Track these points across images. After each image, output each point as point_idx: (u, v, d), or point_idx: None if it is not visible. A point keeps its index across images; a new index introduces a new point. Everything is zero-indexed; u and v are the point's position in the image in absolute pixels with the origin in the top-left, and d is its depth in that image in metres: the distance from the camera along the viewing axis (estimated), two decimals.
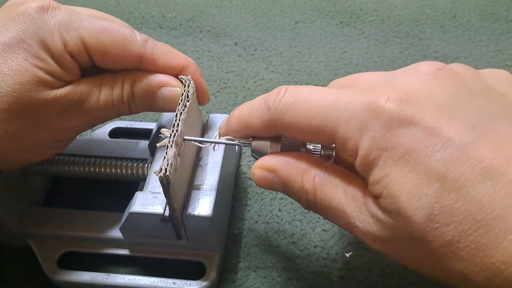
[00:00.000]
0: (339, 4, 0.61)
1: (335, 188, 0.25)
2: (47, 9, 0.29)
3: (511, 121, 0.22)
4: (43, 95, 0.28)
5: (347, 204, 0.25)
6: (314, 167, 0.27)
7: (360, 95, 0.24)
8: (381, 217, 0.23)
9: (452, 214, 0.21)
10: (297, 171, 0.27)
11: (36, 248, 0.35)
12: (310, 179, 0.26)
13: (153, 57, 0.31)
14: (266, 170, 0.28)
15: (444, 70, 0.24)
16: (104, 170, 0.36)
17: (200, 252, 0.34)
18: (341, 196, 0.25)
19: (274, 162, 0.28)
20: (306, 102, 0.25)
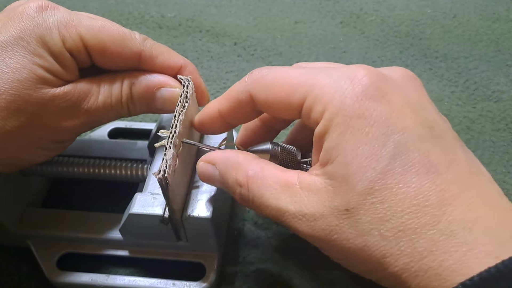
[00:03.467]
0: (339, 4, 0.61)
1: (268, 179, 0.26)
2: (46, 9, 0.29)
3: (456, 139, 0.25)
4: (41, 93, 0.28)
5: (280, 192, 0.25)
6: (251, 161, 0.27)
7: (339, 69, 0.25)
8: (320, 188, 0.24)
9: (390, 193, 0.22)
10: (234, 165, 0.27)
11: (35, 249, 0.35)
12: (245, 172, 0.27)
13: (151, 55, 0.31)
14: (207, 163, 0.29)
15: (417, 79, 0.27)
16: (103, 171, 0.36)
17: (200, 253, 0.34)
18: (274, 186, 0.25)
19: (215, 155, 0.29)
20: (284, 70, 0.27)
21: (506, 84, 0.50)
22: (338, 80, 0.24)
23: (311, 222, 0.24)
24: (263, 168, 0.26)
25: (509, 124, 0.46)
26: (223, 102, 0.29)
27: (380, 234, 0.22)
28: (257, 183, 0.26)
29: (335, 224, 0.23)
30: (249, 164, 0.27)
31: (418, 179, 0.22)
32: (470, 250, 0.20)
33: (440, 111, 0.48)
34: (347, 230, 0.23)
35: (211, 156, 0.29)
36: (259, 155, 0.30)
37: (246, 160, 0.27)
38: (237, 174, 0.27)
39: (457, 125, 0.46)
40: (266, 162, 0.27)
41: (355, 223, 0.22)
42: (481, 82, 0.50)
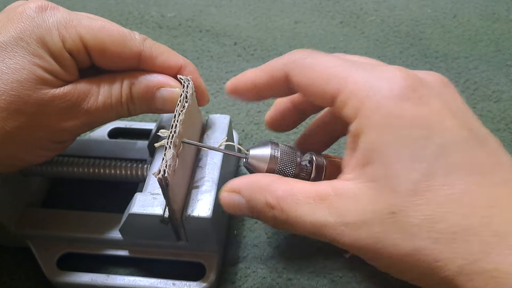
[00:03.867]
0: (339, 4, 0.61)
1: (299, 196, 0.25)
2: (46, 9, 0.29)
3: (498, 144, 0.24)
4: (41, 93, 0.28)
5: (315, 206, 0.24)
6: (277, 181, 0.26)
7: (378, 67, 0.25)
8: (358, 193, 0.23)
9: (436, 195, 0.21)
10: (260, 188, 0.26)
11: (35, 249, 0.35)
12: (273, 193, 0.26)
13: (151, 55, 0.31)
14: (231, 192, 0.27)
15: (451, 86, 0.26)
16: (103, 171, 0.36)
17: (200, 253, 0.34)
18: (308, 201, 0.24)
19: (238, 183, 0.27)
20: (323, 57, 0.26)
21: (506, 84, 0.50)
22: (375, 78, 0.24)
23: (354, 231, 0.23)
24: (292, 186, 0.26)
25: (509, 124, 0.46)
26: (259, 75, 0.29)
27: (430, 237, 0.21)
28: (289, 201, 0.25)
29: (380, 229, 0.22)
30: (276, 184, 0.26)
31: (463, 180, 0.21)
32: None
33: None
34: (394, 234, 0.22)
35: (233, 184, 0.28)
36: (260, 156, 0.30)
37: (272, 181, 0.26)
38: (266, 197, 0.26)
39: None
40: (293, 180, 0.27)
41: (402, 227, 0.21)
42: (481, 82, 0.50)
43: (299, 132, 0.45)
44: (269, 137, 0.45)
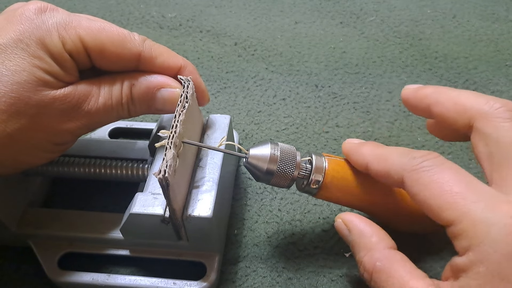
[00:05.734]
0: (339, 4, 0.61)
1: (393, 280, 0.26)
2: (45, 10, 0.29)
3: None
4: (41, 95, 0.28)
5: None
6: (382, 250, 0.27)
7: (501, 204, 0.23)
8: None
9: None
10: (365, 245, 0.28)
11: (36, 249, 0.35)
12: (372, 260, 0.27)
13: (151, 55, 0.31)
14: (343, 224, 0.30)
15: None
16: (104, 171, 0.36)
17: (200, 252, 0.34)
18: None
19: (352, 223, 0.30)
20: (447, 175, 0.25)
21: (506, 84, 0.50)
22: (492, 225, 0.22)
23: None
24: (392, 264, 0.26)
25: None
26: (374, 163, 0.29)
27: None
28: (382, 279, 0.26)
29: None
30: (379, 252, 0.27)
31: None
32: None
33: None
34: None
35: (348, 220, 0.30)
36: (260, 156, 0.30)
37: (377, 246, 0.28)
38: (365, 257, 0.28)
39: None
40: (397, 256, 0.27)
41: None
42: (480, 82, 0.50)
43: (299, 132, 0.45)
44: (269, 137, 0.45)
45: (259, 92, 0.50)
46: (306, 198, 0.40)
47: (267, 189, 0.41)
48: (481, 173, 0.42)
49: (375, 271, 0.27)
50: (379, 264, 0.27)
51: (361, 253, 0.28)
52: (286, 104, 0.48)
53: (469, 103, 0.27)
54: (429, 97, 0.29)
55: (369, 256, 0.28)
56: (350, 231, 0.30)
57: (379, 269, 0.27)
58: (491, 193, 0.24)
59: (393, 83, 0.50)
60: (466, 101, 0.28)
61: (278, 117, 0.47)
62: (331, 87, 0.50)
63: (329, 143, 0.44)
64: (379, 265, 0.27)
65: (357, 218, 0.30)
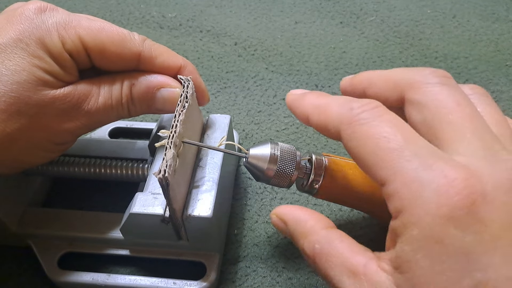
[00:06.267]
0: (339, 4, 0.61)
1: (334, 259, 0.24)
2: (45, 10, 0.29)
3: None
4: (41, 95, 0.28)
5: (345, 276, 0.24)
6: (318, 232, 0.26)
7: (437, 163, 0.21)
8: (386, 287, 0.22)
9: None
10: (302, 232, 0.27)
11: (36, 249, 0.35)
12: (311, 244, 0.26)
13: (151, 55, 0.31)
14: (279, 218, 0.29)
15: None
16: (104, 170, 0.37)
17: (200, 252, 0.35)
18: (339, 268, 0.24)
19: (287, 214, 0.28)
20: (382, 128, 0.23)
21: (506, 84, 0.50)
22: (426, 186, 0.21)
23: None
24: (330, 244, 0.25)
25: None
26: (314, 115, 0.27)
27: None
28: (323, 259, 0.25)
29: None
30: (316, 235, 0.26)
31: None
32: None
33: None
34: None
35: (282, 213, 0.28)
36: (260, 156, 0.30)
37: (314, 229, 0.26)
38: (304, 243, 0.26)
39: None
40: (335, 234, 0.26)
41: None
42: (480, 82, 0.50)
43: (299, 132, 0.45)
44: (269, 137, 0.45)
45: (259, 92, 0.50)
46: (306, 198, 0.40)
47: (267, 189, 0.41)
48: None
49: (315, 254, 0.25)
50: (318, 247, 0.25)
51: (300, 241, 0.27)
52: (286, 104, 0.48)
53: (398, 77, 0.26)
54: (363, 81, 0.28)
55: (308, 241, 0.26)
56: (286, 223, 0.28)
57: (319, 252, 0.25)
58: (429, 149, 0.22)
59: None
60: (396, 75, 0.27)
61: (278, 117, 0.47)
62: (331, 87, 0.50)
63: (329, 143, 0.44)
64: (318, 247, 0.25)
65: (290, 207, 0.29)
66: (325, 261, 0.25)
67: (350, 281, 0.23)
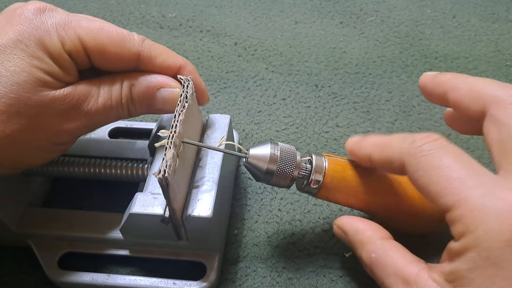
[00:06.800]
0: (339, 4, 0.61)
1: (389, 268, 0.27)
2: (44, 11, 0.29)
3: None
4: (41, 95, 0.28)
5: (398, 284, 0.26)
6: (375, 242, 0.28)
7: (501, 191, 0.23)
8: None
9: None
10: (360, 242, 0.29)
11: (36, 249, 0.35)
12: (368, 253, 0.28)
13: (150, 55, 0.31)
14: (340, 229, 0.32)
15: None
16: (104, 170, 0.36)
17: (200, 252, 0.34)
18: (393, 277, 0.26)
19: (346, 225, 0.31)
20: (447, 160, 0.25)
21: None
22: (490, 211, 0.22)
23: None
24: (386, 253, 0.27)
25: None
26: (376, 153, 0.29)
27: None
28: (379, 268, 0.27)
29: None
30: (373, 245, 0.28)
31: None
32: None
33: (439, 111, 0.48)
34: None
35: (341, 223, 0.31)
36: (260, 156, 0.30)
37: (371, 239, 0.29)
38: (361, 252, 0.29)
39: None
40: (390, 244, 0.28)
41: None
42: None
43: (299, 132, 0.45)
44: (269, 137, 0.45)
45: (259, 92, 0.50)
46: (306, 198, 0.40)
47: (267, 189, 0.41)
48: None
49: (372, 263, 0.28)
50: (374, 256, 0.28)
51: (358, 250, 0.29)
52: (286, 104, 0.48)
53: (484, 89, 0.27)
54: (446, 83, 0.29)
55: (365, 250, 0.29)
56: (346, 233, 0.31)
57: (375, 261, 0.28)
58: (492, 179, 0.24)
59: (393, 83, 0.50)
60: (482, 87, 0.27)
61: (278, 117, 0.47)
62: (331, 87, 0.50)
63: (329, 143, 0.44)
64: (374, 256, 0.28)
65: (350, 218, 0.31)
66: (381, 270, 0.27)
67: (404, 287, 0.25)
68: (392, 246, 0.28)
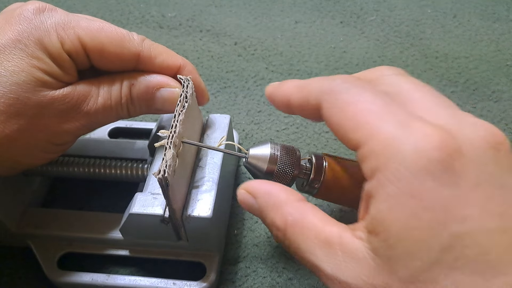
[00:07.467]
0: (339, 4, 0.61)
1: (307, 231, 0.24)
2: (43, 11, 0.29)
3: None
4: (40, 95, 0.28)
5: (317, 248, 0.23)
6: (292, 204, 0.25)
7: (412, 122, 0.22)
8: (362, 258, 0.22)
9: None
10: (274, 204, 0.26)
11: (36, 249, 0.35)
12: (283, 216, 0.25)
13: (150, 55, 0.31)
14: (248, 193, 0.27)
15: (503, 146, 0.22)
16: (103, 170, 0.36)
17: (200, 252, 0.34)
18: (312, 240, 0.24)
19: (257, 188, 0.27)
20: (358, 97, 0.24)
21: (506, 84, 0.50)
22: (403, 142, 0.21)
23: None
24: (304, 216, 0.25)
25: (509, 124, 0.46)
26: (295, 93, 0.27)
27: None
28: (295, 232, 0.24)
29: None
30: (289, 207, 0.25)
31: (470, 279, 0.19)
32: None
33: None
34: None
35: (251, 187, 0.27)
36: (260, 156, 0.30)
37: (287, 201, 0.26)
38: (275, 216, 0.25)
39: None
40: (308, 206, 0.25)
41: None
42: (481, 81, 0.50)
43: (299, 132, 0.45)
44: (269, 137, 0.45)
45: (259, 92, 0.49)
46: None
47: None
48: None
49: (288, 226, 0.25)
50: (291, 218, 0.25)
51: (271, 214, 0.26)
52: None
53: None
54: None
55: (280, 213, 0.25)
56: (256, 196, 0.27)
57: (292, 223, 0.24)
58: (407, 113, 0.22)
59: None
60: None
61: (278, 117, 0.47)
62: None
63: (329, 143, 0.44)
64: (291, 219, 0.25)
65: (260, 181, 0.27)
66: (299, 232, 0.24)
67: (323, 252, 0.23)
68: (311, 208, 0.25)
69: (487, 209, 0.20)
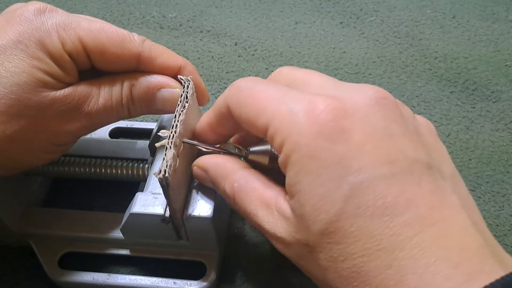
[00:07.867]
0: (339, 5, 0.61)
1: (251, 194, 0.27)
2: (44, 11, 0.29)
3: (427, 168, 0.23)
4: (41, 96, 0.28)
5: (259, 209, 0.26)
6: (237, 172, 0.28)
7: (303, 97, 0.24)
8: (289, 217, 0.24)
9: (344, 236, 0.22)
10: (222, 175, 0.28)
11: (37, 249, 0.35)
12: (231, 184, 0.28)
13: (151, 56, 0.31)
14: (200, 168, 0.30)
15: (388, 100, 0.25)
16: (104, 170, 0.37)
17: (201, 252, 0.35)
18: (255, 202, 0.26)
19: (206, 162, 0.30)
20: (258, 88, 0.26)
21: (505, 84, 0.50)
22: (297, 113, 0.24)
23: (284, 247, 0.25)
24: (247, 181, 0.27)
25: (508, 124, 0.46)
26: (211, 115, 0.30)
27: (336, 272, 0.22)
28: (242, 196, 0.27)
29: (301, 253, 0.24)
30: (235, 175, 0.28)
31: (371, 222, 0.21)
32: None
33: (439, 111, 0.48)
34: (310, 262, 0.24)
35: (201, 162, 0.30)
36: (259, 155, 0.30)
37: (233, 170, 0.28)
38: (224, 184, 0.28)
39: (456, 125, 0.46)
40: (251, 173, 0.28)
41: (315, 259, 0.23)
42: (480, 82, 0.50)
43: None
44: None
45: None
46: None
47: None
48: (480, 173, 0.42)
49: (236, 191, 0.27)
50: (237, 185, 0.27)
51: (221, 183, 0.28)
52: None
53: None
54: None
55: (228, 181, 0.28)
56: (206, 170, 0.29)
57: (238, 189, 0.27)
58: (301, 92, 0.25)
59: (393, 83, 0.51)
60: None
61: None
62: None
63: None
64: (237, 185, 0.27)
65: (209, 156, 0.30)
66: (244, 197, 0.27)
67: (264, 212, 0.26)
68: (254, 173, 0.28)
69: (378, 157, 0.22)
